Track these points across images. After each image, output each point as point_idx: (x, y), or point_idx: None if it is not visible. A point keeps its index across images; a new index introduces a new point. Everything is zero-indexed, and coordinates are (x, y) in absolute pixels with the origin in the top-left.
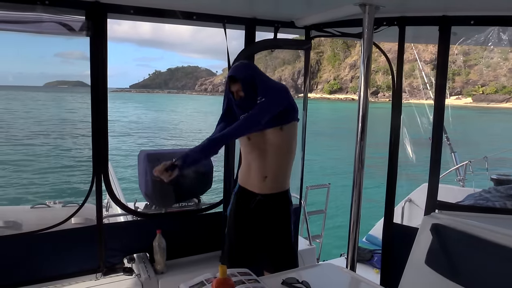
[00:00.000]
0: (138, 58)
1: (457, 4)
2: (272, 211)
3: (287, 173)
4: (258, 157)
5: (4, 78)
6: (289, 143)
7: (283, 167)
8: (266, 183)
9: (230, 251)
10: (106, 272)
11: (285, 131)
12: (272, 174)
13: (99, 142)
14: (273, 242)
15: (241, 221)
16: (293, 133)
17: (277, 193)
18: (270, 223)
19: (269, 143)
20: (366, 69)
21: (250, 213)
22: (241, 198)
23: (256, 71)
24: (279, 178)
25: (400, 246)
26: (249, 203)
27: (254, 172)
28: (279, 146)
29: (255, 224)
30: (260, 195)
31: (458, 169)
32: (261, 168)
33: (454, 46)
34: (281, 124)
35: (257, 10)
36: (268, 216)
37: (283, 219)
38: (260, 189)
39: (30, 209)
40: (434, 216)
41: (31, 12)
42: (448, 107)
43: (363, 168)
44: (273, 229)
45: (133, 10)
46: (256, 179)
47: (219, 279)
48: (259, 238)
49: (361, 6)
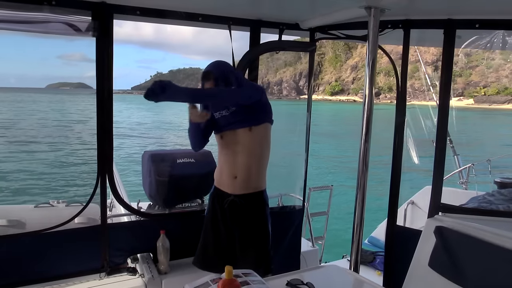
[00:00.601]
0: (140, 60)
1: (462, 7)
2: (245, 211)
3: (259, 174)
4: (229, 158)
5: (6, 80)
6: (260, 144)
7: (253, 167)
8: (237, 183)
9: (203, 252)
10: (109, 272)
11: (255, 132)
12: (242, 174)
13: (104, 142)
14: (245, 243)
15: (215, 222)
16: (264, 134)
17: (250, 194)
18: (243, 223)
19: (240, 143)
20: (371, 72)
21: (223, 213)
22: (215, 199)
23: (231, 69)
24: (250, 178)
25: (403, 248)
26: (222, 203)
27: (225, 172)
28: (248, 147)
29: (229, 224)
30: (232, 195)
31: (460, 172)
32: (231, 168)
33: (458, 49)
34: (251, 124)
35: (262, 12)
36: (241, 216)
37: (256, 220)
38: (231, 189)
39: (34, 208)
40: (437, 218)
41: (38, 13)
42: (452, 108)
43: (367, 170)
44: (246, 230)
45: (139, 11)
46: (227, 179)
47: (225, 280)
48: (233, 238)
49: (367, 9)
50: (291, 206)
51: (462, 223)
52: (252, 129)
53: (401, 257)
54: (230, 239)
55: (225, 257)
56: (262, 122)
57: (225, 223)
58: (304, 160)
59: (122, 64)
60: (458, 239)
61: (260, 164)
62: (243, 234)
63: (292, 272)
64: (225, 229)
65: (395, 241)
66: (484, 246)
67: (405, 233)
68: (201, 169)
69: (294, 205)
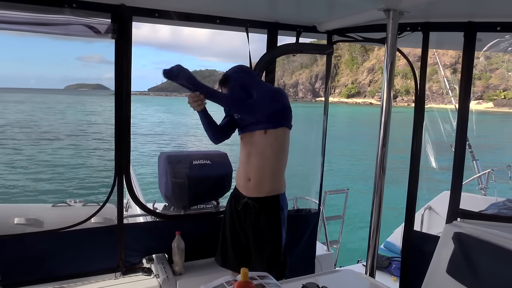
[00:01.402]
0: (156, 62)
1: (483, 10)
2: (258, 214)
3: (273, 177)
4: (244, 159)
5: (26, 81)
6: (274, 147)
7: (266, 171)
8: (250, 186)
9: (223, 250)
10: (125, 271)
11: (270, 135)
12: (255, 177)
13: (122, 143)
14: (257, 246)
15: (232, 221)
16: (280, 138)
17: (264, 197)
18: (255, 226)
19: (254, 145)
20: (389, 75)
21: (238, 214)
22: (233, 199)
23: (250, 74)
24: (263, 182)
25: (420, 254)
26: (237, 204)
27: (241, 174)
28: (262, 150)
29: (242, 226)
30: (246, 198)
31: (480, 177)
32: (246, 171)
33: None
34: (266, 127)
35: (279, 14)
36: (253, 219)
37: (269, 224)
38: (245, 191)
39: (51, 207)
40: (456, 224)
41: (59, 15)
42: (471, 112)
43: (384, 175)
44: (258, 232)
45: (158, 14)
46: (242, 181)
47: (240, 282)
48: (248, 239)
49: (385, 11)
50: (307, 210)
51: (482, 229)
52: (267, 132)
53: (418, 263)
54: (246, 239)
55: (242, 257)
56: (279, 126)
57: (240, 224)
58: (320, 163)
59: (140, 65)
60: (477, 246)
61: (274, 167)
62: (255, 237)
63: (308, 275)
64: (241, 229)
65: (412, 246)
66: (505, 254)
67: (423, 239)
68: (217, 171)
69: (310, 208)
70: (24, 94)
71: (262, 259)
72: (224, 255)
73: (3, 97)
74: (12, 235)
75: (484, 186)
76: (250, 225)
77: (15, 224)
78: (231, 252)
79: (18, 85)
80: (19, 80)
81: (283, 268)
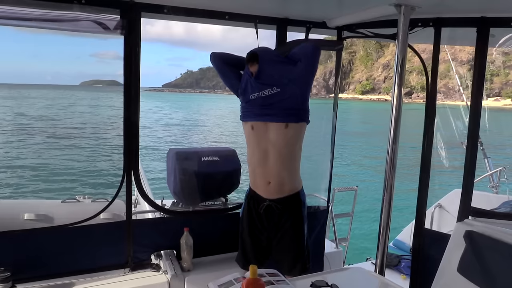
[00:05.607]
0: (170, 58)
1: (497, 5)
2: (281, 214)
3: (293, 177)
4: (261, 160)
5: (43, 77)
6: (293, 145)
7: (286, 172)
8: (271, 188)
9: (244, 253)
10: (133, 267)
11: (291, 130)
12: (275, 179)
13: (131, 139)
14: (282, 244)
15: (252, 224)
16: (299, 134)
17: (285, 197)
18: (280, 225)
19: (271, 141)
20: (400, 71)
21: (260, 217)
22: (252, 201)
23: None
24: (284, 183)
25: (431, 252)
26: (258, 207)
27: (258, 176)
28: (281, 148)
29: (265, 228)
30: (268, 200)
31: (491, 175)
32: (264, 173)
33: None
34: (289, 120)
35: (289, 10)
36: (277, 219)
37: (293, 221)
38: (266, 194)
39: (61, 203)
40: (467, 223)
41: (68, 11)
42: (484, 109)
43: (394, 172)
44: (282, 231)
45: (167, 10)
46: (261, 183)
47: (249, 279)
48: (270, 238)
49: (397, 6)
50: (316, 207)
51: (494, 228)
52: (288, 126)
53: (428, 261)
54: (268, 239)
55: (263, 257)
56: (301, 121)
57: (262, 225)
58: (330, 160)
59: (153, 62)
60: (489, 245)
61: (292, 167)
62: (279, 236)
63: (316, 273)
64: (263, 230)
65: (423, 244)
66: None
67: (433, 237)
68: (225, 168)
69: (319, 206)
70: (41, 90)
71: (288, 256)
72: (245, 257)
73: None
74: (22, 231)
75: (495, 184)
76: (273, 226)
77: (25, 220)
78: (252, 254)
79: (35, 81)
80: (36, 77)
81: (307, 262)
